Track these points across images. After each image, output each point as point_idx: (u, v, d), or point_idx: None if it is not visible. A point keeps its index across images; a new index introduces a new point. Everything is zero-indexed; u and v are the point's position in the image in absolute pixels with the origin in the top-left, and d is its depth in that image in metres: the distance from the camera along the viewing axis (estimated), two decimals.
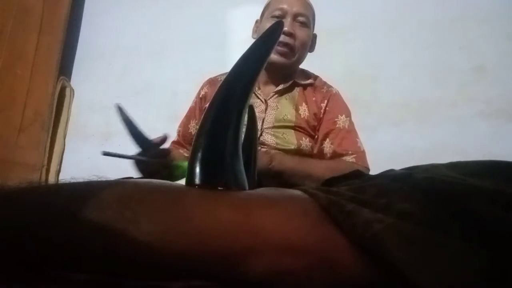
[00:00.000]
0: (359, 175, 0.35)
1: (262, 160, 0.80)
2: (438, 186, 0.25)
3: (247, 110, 0.37)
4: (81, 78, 1.99)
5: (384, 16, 1.54)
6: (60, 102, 1.88)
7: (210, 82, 1.09)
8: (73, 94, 1.96)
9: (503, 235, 0.22)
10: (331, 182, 0.34)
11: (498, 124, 1.30)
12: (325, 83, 1.04)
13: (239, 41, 1.66)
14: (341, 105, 1.00)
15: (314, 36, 1.04)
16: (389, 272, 0.22)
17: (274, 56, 0.94)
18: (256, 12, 0.99)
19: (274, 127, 0.95)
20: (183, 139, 1.08)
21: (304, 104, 0.98)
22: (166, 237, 0.24)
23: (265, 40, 0.37)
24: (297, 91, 1.01)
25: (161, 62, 1.84)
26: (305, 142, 0.95)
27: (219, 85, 0.36)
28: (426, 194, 0.25)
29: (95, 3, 2.08)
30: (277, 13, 0.96)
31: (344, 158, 0.92)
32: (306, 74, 1.06)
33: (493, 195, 0.23)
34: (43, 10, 1.73)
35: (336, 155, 0.93)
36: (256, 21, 1.07)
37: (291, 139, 0.94)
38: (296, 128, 0.95)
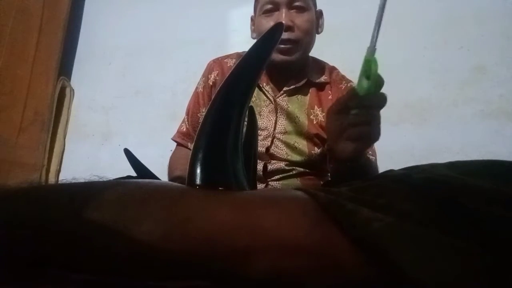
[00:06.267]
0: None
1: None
2: (437, 186, 0.26)
3: (247, 111, 0.37)
4: (81, 78, 1.99)
5: (384, 16, 1.54)
6: (60, 102, 1.88)
7: (218, 65, 0.97)
8: (73, 94, 1.96)
9: (502, 234, 0.22)
10: (331, 183, 0.34)
11: (498, 124, 1.30)
12: (343, 77, 0.95)
13: (239, 41, 1.66)
14: None
15: (319, 14, 0.92)
16: (389, 271, 0.22)
17: (278, 56, 0.85)
18: None
19: (286, 132, 0.89)
20: (192, 128, 0.98)
21: (316, 107, 0.90)
22: (167, 237, 0.24)
23: (264, 42, 0.37)
24: (310, 91, 0.92)
25: (161, 62, 1.84)
26: (316, 152, 0.90)
27: (227, 70, 0.35)
28: (426, 194, 0.25)
29: (95, 3, 2.07)
30: (268, 6, 0.85)
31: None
32: (320, 67, 0.95)
33: (492, 195, 0.24)
34: (43, 10, 1.73)
35: None
36: (251, 18, 0.96)
37: (303, 149, 0.89)
38: (308, 136, 0.89)
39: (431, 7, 1.48)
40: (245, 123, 0.41)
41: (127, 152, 0.73)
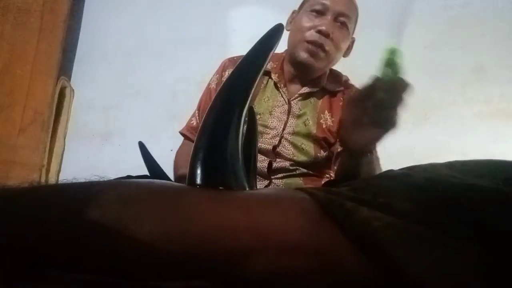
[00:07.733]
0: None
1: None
2: (437, 186, 0.26)
3: (247, 111, 0.37)
4: (81, 78, 1.99)
5: (384, 16, 1.54)
6: (60, 102, 1.88)
7: (233, 64, 1.00)
8: (73, 94, 1.96)
9: (501, 234, 0.22)
10: (332, 183, 0.34)
11: (498, 124, 1.30)
12: (352, 85, 0.99)
13: (239, 41, 1.66)
14: None
15: (352, 41, 0.96)
16: (388, 270, 0.22)
17: (303, 54, 0.87)
18: (256, 12, 0.98)
19: (294, 133, 0.91)
20: None
21: (327, 112, 0.93)
22: (167, 236, 0.24)
23: (263, 43, 0.37)
24: (323, 97, 0.95)
25: (161, 62, 1.84)
26: (322, 155, 0.92)
27: None
28: (425, 193, 0.25)
29: (95, 3, 2.07)
30: (318, 7, 0.87)
31: None
32: (337, 78, 0.99)
33: (491, 194, 0.24)
34: (43, 10, 1.73)
35: None
36: (293, 12, 0.97)
37: (309, 151, 0.91)
38: (316, 139, 0.91)
39: (432, 7, 1.48)
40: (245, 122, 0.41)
41: (141, 146, 0.73)
